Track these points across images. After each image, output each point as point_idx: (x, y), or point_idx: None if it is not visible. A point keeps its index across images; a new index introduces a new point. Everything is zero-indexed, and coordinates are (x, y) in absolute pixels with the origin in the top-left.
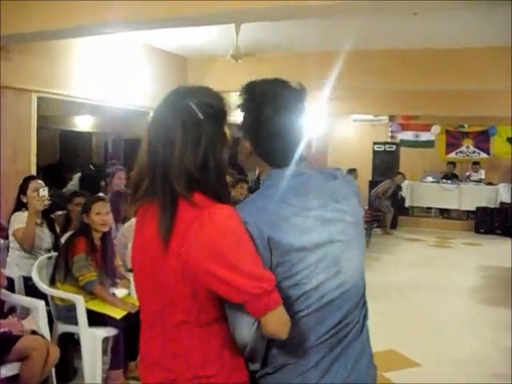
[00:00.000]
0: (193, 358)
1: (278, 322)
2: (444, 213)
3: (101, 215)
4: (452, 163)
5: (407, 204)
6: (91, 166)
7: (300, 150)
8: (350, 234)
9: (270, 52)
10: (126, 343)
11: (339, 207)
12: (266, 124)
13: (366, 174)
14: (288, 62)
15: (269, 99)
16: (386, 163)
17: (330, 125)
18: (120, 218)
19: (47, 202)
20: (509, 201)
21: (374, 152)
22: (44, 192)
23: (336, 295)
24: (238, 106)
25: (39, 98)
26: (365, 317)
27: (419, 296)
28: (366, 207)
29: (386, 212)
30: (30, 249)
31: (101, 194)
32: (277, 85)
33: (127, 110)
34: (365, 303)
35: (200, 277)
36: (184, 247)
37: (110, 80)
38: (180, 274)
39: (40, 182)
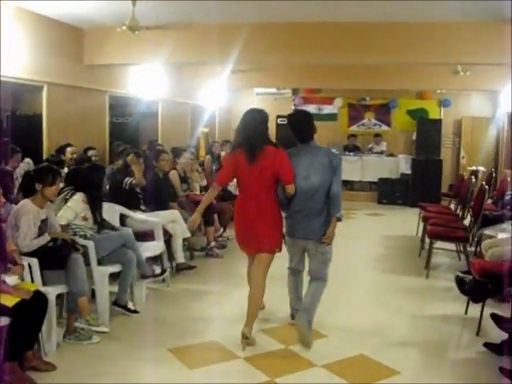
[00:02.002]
0: (276, 222)
1: (291, 188)
2: (347, 184)
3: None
4: (353, 135)
5: None
6: None
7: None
8: (320, 170)
9: (171, 24)
10: (21, 332)
11: (316, 157)
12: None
13: None
14: (189, 35)
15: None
16: (289, 136)
17: (233, 98)
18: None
19: None
20: (409, 172)
21: (278, 125)
22: None
23: (305, 188)
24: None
25: None
26: (324, 208)
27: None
28: None
29: None
30: None
31: None
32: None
33: (18, 84)
34: (326, 199)
35: (278, 171)
36: (275, 162)
37: None
38: (271, 173)
39: None
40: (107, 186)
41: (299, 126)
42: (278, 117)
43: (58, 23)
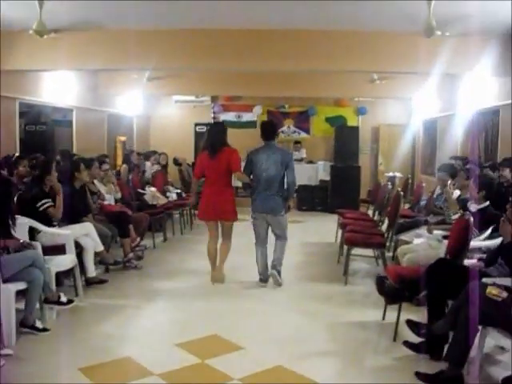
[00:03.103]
0: (228, 198)
1: (238, 176)
2: None
3: None
4: None
5: None
6: None
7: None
8: (274, 163)
9: (85, 29)
10: None
11: (272, 155)
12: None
13: (188, 155)
14: (105, 40)
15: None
16: (206, 144)
17: (151, 106)
18: None
19: None
20: (328, 178)
21: (196, 133)
22: None
23: (264, 177)
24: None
25: None
26: (278, 191)
27: (240, 277)
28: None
29: None
30: None
31: None
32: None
33: None
34: (279, 185)
35: (230, 163)
36: (228, 158)
37: None
38: (226, 165)
39: None
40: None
41: (265, 129)
42: (197, 125)
43: None
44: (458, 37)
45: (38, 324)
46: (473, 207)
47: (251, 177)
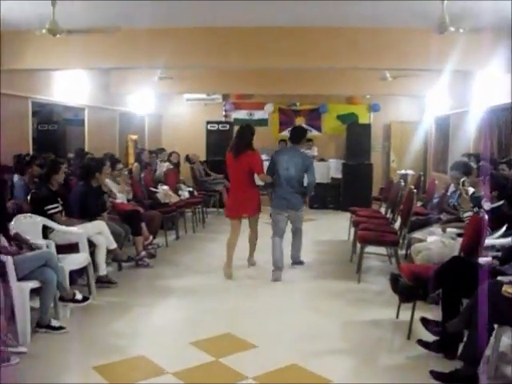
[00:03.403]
0: (253, 196)
1: (261, 178)
2: None
3: None
4: (284, 140)
5: None
6: None
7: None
8: (295, 165)
9: (97, 28)
10: None
11: (293, 157)
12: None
13: (199, 152)
14: (116, 39)
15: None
16: (219, 142)
17: (163, 105)
18: None
19: None
20: (340, 176)
21: (208, 131)
22: None
23: (285, 176)
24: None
25: None
26: (298, 189)
27: (253, 274)
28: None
29: (223, 192)
30: None
31: None
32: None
33: None
34: (299, 184)
35: (251, 166)
36: (249, 160)
37: None
38: (248, 167)
39: None
40: (28, 197)
41: (295, 133)
42: (208, 123)
43: None
44: (471, 34)
45: (54, 323)
46: (486, 205)
47: (274, 176)
